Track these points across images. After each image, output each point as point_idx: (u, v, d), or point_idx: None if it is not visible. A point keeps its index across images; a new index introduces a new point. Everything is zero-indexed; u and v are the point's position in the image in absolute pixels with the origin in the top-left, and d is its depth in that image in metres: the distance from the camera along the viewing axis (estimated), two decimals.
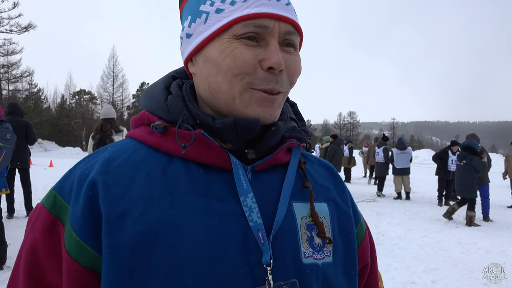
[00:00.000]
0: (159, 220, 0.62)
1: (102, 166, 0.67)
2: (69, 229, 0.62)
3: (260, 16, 0.66)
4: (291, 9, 0.70)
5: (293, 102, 0.89)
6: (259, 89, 0.67)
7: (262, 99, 0.68)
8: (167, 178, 0.67)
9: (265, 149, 0.73)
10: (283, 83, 0.69)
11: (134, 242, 0.60)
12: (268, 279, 0.64)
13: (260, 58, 0.66)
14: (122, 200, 0.63)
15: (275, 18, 0.67)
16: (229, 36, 0.66)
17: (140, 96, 0.81)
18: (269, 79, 0.67)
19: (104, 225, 0.61)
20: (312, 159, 0.88)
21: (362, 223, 0.88)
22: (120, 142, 0.75)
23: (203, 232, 0.63)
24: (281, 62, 0.66)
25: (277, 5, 0.67)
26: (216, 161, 0.69)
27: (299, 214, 0.72)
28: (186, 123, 0.69)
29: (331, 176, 0.86)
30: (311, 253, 0.70)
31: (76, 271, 0.61)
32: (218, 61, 0.67)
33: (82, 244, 0.62)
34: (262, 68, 0.66)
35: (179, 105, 0.72)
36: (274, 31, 0.67)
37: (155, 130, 0.71)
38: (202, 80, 0.71)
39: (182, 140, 0.68)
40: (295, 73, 0.72)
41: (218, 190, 0.67)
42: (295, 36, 0.70)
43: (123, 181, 0.65)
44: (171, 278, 0.60)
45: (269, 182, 0.72)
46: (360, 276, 0.85)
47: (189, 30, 0.72)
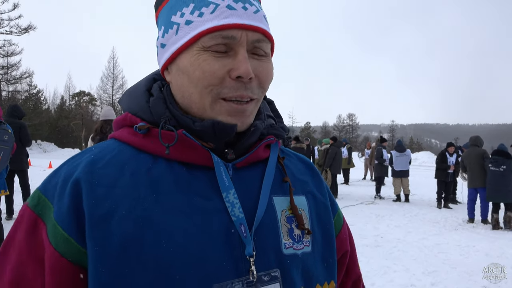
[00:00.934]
0: (144, 218, 0.64)
1: (87, 166, 0.68)
2: (55, 225, 0.64)
3: (227, 27, 0.67)
4: (259, 17, 0.71)
5: (270, 100, 0.91)
6: (228, 99, 0.69)
7: (232, 110, 0.70)
8: (151, 177, 0.69)
9: (244, 148, 0.76)
10: (253, 89, 0.71)
11: (121, 240, 0.62)
12: (251, 269, 0.67)
13: (228, 68, 0.68)
14: (106, 200, 0.65)
15: (242, 28, 0.68)
16: (198, 48, 0.68)
17: (121, 98, 0.83)
18: (237, 86, 0.69)
19: (88, 225, 0.63)
20: (290, 154, 0.92)
21: (340, 213, 0.92)
22: (104, 143, 0.76)
23: (188, 229, 0.65)
24: (248, 71, 0.67)
25: (244, 14, 0.69)
26: (199, 160, 0.71)
27: (279, 207, 0.76)
28: (168, 124, 0.71)
29: (309, 170, 0.90)
30: (291, 244, 0.74)
31: (62, 266, 0.63)
32: (189, 72, 0.69)
33: (69, 240, 0.63)
34: (230, 77, 0.68)
35: (161, 107, 0.74)
36: (242, 41, 0.68)
37: (138, 132, 0.73)
38: (177, 89, 0.74)
39: (165, 141, 0.70)
40: (266, 79, 0.73)
41: (201, 187, 0.70)
42: (265, 43, 0.72)
43: (107, 181, 0.67)
44: (159, 274, 0.62)
45: (249, 178, 0.76)
46: (341, 262, 0.90)
47: (163, 40, 0.74)
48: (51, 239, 0.64)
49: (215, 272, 0.65)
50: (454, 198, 11.64)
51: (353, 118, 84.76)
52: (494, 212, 8.14)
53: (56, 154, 33.10)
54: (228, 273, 0.66)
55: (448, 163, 10.72)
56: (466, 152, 9.37)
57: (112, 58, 53.70)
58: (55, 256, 0.63)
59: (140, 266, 0.62)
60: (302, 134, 63.52)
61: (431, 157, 35.05)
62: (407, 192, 11.67)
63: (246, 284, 0.66)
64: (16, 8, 33.12)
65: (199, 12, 0.68)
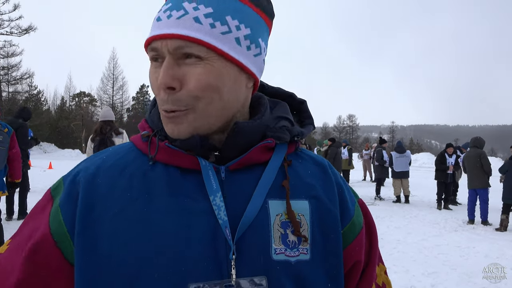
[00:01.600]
0: (133, 218, 0.68)
1: (98, 165, 0.76)
2: (57, 207, 0.72)
3: (150, 40, 0.70)
4: (184, 21, 0.67)
5: (301, 99, 0.90)
6: (163, 110, 0.72)
7: (166, 118, 0.72)
8: (148, 180, 0.73)
9: (238, 149, 0.74)
10: (181, 100, 0.68)
11: (110, 237, 0.67)
12: (232, 273, 0.67)
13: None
14: (105, 199, 0.71)
15: (161, 38, 0.68)
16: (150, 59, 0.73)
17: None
18: (164, 100, 0.69)
19: (78, 225, 0.69)
20: (305, 157, 0.86)
21: (355, 221, 0.84)
22: (120, 145, 0.83)
23: (174, 228, 0.68)
24: (162, 81, 0.67)
25: (166, 23, 0.68)
26: (189, 164, 0.74)
27: (274, 211, 0.73)
28: (159, 135, 0.76)
29: (322, 174, 0.84)
30: (283, 249, 0.71)
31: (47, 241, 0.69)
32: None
33: (62, 224, 0.70)
34: (162, 89, 0.69)
35: (155, 118, 0.79)
36: (163, 51, 0.68)
37: (142, 139, 0.79)
38: None
39: (153, 151, 0.75)
40: (196, 85, 0.68)
41: (191, 190, 0.72)
42: (192, 48, 0.67)
43: (109, 182, 0.73)
44: (139, 272, 0.65)
45: (243, 181, 0.74)
46: (352, 274, 0.84)
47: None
48: (50, 218, 0.71)
49: (194, 272, 0.66)
50: (455, 199, 11.64)
51: (353, 119, 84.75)
52: (505, 213, 8.11)
53: (56, 154, 33.10)
54: (209, 274, 0.66)
55: (447, 164, 10.72)
56: (466, 154, 9.38)
57: (113, 59, 53.70)
58: (46, 232, 0.70)
59: (122, 263, 0.66)
60: None
61: (431, 158, 35.00)
62: (407, 193, 11.66)
63: (225, 287, 0.66)
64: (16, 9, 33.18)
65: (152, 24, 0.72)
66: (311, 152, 0.90)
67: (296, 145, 0.85)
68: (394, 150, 12.09)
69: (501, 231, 8.01)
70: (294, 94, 0.91)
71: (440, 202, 10.74)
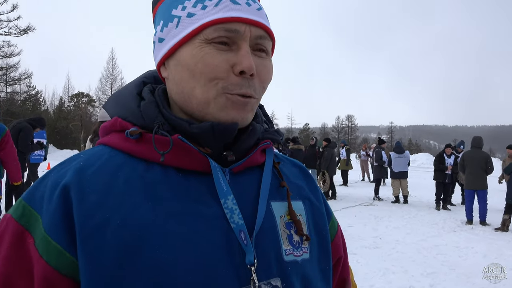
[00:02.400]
0: (141, 227, 0.61)
1: (76, 173, 0.64)
2: (46, 238, 0.60)
3: (231, 20, 0.66)
4: (262, 14, 0.71)
5: (260, 104, 0.89)
6: (233, 94, 0.67)
7: (237, 102, 0.68)
8: (146, 184, 0.65)
9: (242, 151, 0.74)
10: (255, 88, 0.70)
11: (117, 250, 0.59)
12: (253, 278, 0.64)
13: (232, 63, 0.67)
14: (99, 209, 0.61)
15: (246, 23, 0.67)
16: (201, 40, 0.67)
17: (106, 103, 0.80)
18: (241, 84, 0.67)
19: (79, 237, 0.59)
20: (284, 159, 0.90)
21: (334, 219, 0.90)
22: (92, 150, 0.72)
23: (187, 236, 0.63)
24: (252, 66, 0.66)
25: (248, 10, 0.68)
26: (195, 165, 0.69)
27: (278, 213, 0.74)
28: (162, 129, 0.69)
29: (303, 175, 0.88)
30: (291, 250, 0.72)
31: (56, 280, 0.59)
32: (190, 65, 0.67)
33: (62, 252, 0.59)
34: (234, 73, 0.67)
35: (154, 110, 0.71)
36: (245, 35, 0.67)
37: (130, 137, 0.69)
38: (174, 85, 0.71)
39: (159, 147, 0.67)
40: (267, 78, 0.72)
41: (199, 193, 0.68)
42: (266, 41, 0.71)
43: (99, 189, 0.63)
44: (158, 283, 0.59)
45: (246, 183, 0.73)
46: (334, 268, 0.88)
47: (161, 34, 0.72)
48: (42, 252, 0.59)
49: (216, 280, 0.62)
50: (449, 200, 11.65)
51: (352, 119, 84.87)
52: (508, 213, 8.11)
53: (55, 155, 33.00)
54: (229, 282, 0.63)
55: (446, 164, 10.75)
56: (468, 154, 9.28)
57: (111, 60, 53.57)
58: (48, 270, 0.59)
59: (137, 277, 0.59)
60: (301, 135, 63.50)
61: (429, 158, 35.08)
62: (405, 194, 11.68)
63: None
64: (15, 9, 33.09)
65: (202, 5, 0.67)
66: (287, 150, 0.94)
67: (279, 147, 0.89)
68: (393, 150, 12.13)
69: (502, 230, 8.02)
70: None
71: (438, 203, 10.77)
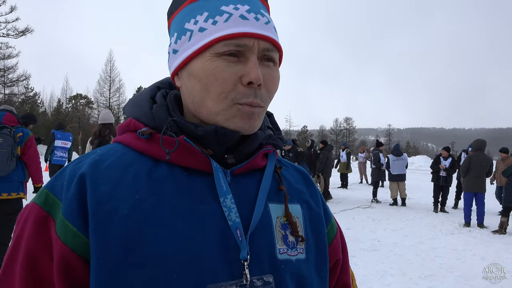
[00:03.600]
0: (144, 220, 0.67)
1: (91, 165, 0.71)
2: (64, 221, 0.66)
3: (240, 35, 0.70)
4: (270, 27, 0.75)
5: (270, 112, 0.95)
6: (242, 103, 0.72)
7: (246, 112, 0.72)
8: (153, 180, 0.71)
9: (244, 155, 0.78)
10: (262, 97, 0.74)
11: (122, 237, 0.65)
12: (245, 273, 0.69)
13: (240, 74, 0.71)
14: (110, 199, 0.67)
15: (255, 37, 0.71)
16: (211, 54, 0.71)
17: (125, 105, 0.86)
18: (249, 93, 0.72)
19: (91, 222, 0.65)
20: (287, 164, 0.95)
21: (333, 223, 0.94)
22: (108, 146, 0.79)
23: (186, 231, 0.68)
24: (259, 77, 0.70)
25: (256, 24, 0.72)
26: (198, 165, 0.74)
27: (275, 214, 0.78)
28: (170, 130, 0.74)
29: (304, 180, 0.93)
30: (285, 249, 0.76)
31: (72, 260, 0.65)
32: (201, 78, 0.72)
33: (78, 234, 0.65)
34: (242, 84, 0.71)
35: (164, 113, 0.77)
36: (253, 48, 0.72)
37: (142, 136, 0.75)
38: (187, 94, 0.77)
39: (166, 146, 0.73)
40: (273, 87, 0.77)
41: (200, 192, 0.72)
42: (274, 52, 0.75)
43: (111, 181, 0.69)
44: (157, 272, 0.64)
45: (246, 184, 0.78)
46: (332, 271, 0.91)
47: (175, 46, 0.77)
48: (60, 234, 0.65)
49: (210, 273, 0.67)
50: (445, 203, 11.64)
51: (350, 122, 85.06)
52: (505, 215, 8.13)
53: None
54: (223, 275, 0.68)
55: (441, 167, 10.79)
56: (473, 157, 9.20)
57: (109, 61, 53.60)
58: (65, 250, 0.65)
59: (139, 265, 0.64)
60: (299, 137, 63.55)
61: (427, 161, 35.16)
62: (403, 196, 11.70)
63: (239, 287, 0.68)
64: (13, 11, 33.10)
65: (213, 20, 0.71)
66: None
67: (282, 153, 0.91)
68: (391, 153, 12.13)
69: (500, 233, 8.04)
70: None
71: (436, 205, 10.78)
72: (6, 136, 4.68)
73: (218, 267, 0.68)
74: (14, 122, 4.91)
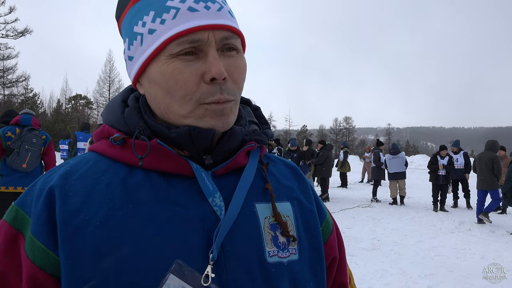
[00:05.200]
0: (120, 228, 0.63)
1: (61, 177, 0.68)
2: (32, 238, 0.63)
3: (191, 31, 0.65)
4: (224, 13, 0.69)
5: (256, 106, 0.90)
6: (209, 103, 0.67)
7: (214, 110, 0.68)
8: (128, 188, 0.67)
9: (224, 154, 0.74)
10: (229, 91, 0.69)
11: (94, 251, 0.61)
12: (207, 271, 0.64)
13: (201, 72, 0.66)
14: (80, 211, 0.63)
15: (208, 29, 0.66)
16: (166, 56, 0.66)
17: (103, 111, 0.83)
18: (214, 90, 0.67)
19: (60, 237, 0.62)
20: (276, 160, 0.90)
21: (328, 220, 0.89)
22: (81, 156, 0.75)
23: (166, 239, 0.64)
24: (221, 72, 0.66)
25: (208, 14, 0.67)
26: (176, 168, 0.70)
27: (262, 214, 0.74)
28: (142, 134, 0.70)
29: (295, 176, 0.88)
30: (275, 251, 0.72)
31: (41, 279, 0.62)
32: (161, 83, 0.68)
33: (47, 251, 0.62)
34: (205, 82, 0.67)
35: (135, 117, 0.72)
36: (209, 41, 0.66)
37: (114, 143, 0.72)
38: (152, 100, 0.72)
39: (139, 152, 0.69)
40: (240, 77, 0.71)
41: (179, 196, 0.68)
42: (234, 40, 0.70)
43: (82, 192, 0.66)
44: (132, 283, 0.61)
45: (229, 185, 0.73)
46: (329, 270, 0.86)
47: (129, 52, 0.72)
48: (28, 253, 0.62)
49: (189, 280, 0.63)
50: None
51: (350, 121, 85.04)
52: None
53: None
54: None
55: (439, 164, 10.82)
56: (479, 155, 9.50)
57: (109, 62, 53.51)
58: (34, 269, 0.61)
59: (115, 277, 0.60)
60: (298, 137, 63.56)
61: (427, 160, 34.96)
62: (403, 194, 11.69)
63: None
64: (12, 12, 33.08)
65: (161, 19, 0.66)
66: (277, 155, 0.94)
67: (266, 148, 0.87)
68: (388, 152, 12.18)
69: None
70: (250, 100, 0.92)
71: (436, 204, 10.79)
72: (38, 137, 5.37)
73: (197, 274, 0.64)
74: (39, 125, 5.57)
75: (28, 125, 5.37)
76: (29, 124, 5.38)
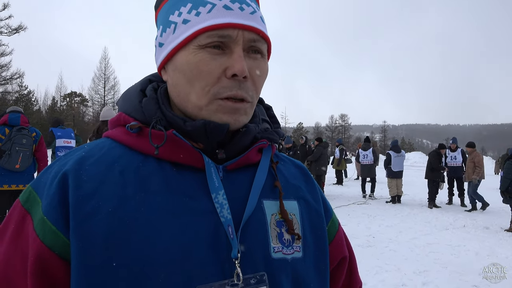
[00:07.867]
0: (130, 217, 0.64)
1: (76, 162, 0.69)
2: (43, 219, 0.64)
3: (223, 26, 0.68)
4: (256, 17, 0.72)
5: (268, 105, 0.92)
6: (224, 98, 0.70)
7: (228, 108, 0.70)
8: (141, 176, 0.69)
9: (236, 149, 0.75)
10: (247, 90, 0.71)
11: (106, 237, 0.62)
12: (237, 272, 0.66)
13: (224, 67, 0.69)
14: (93, 197, 0.65)
15: (239, 28, 0.69)
16: (195, 46, 0.69)
17: (118, 99, 0.84)
18: (232, 85, 0.69)
19: (72, 222, 0.63)
20: (285, 159, 0.92)
21: (334, 220, 0.91)
22: (96, 141, 0.76)
23: (175, 229, 0.65)
24: (243, 69, 0.68)
25: (241, 14, 0.70)
26: (189, 160, 0.71)
27: (269, 211, 0.75)
28: (159, 124, 0.72)
29: (303, 176, 0.90)
30: (280, 248, 0.73)
31: (49, 259, 0.62)
32: (185, 71, 0.70)
33: (57, 233, 0.63)
34: (226, 77, 0.69)
35: (153, 107, 0.74)
36: (237, 40, 0.69)
37: (130, 131, 0.73)
38: (173, 88, 0.75)
39: (155, 141, 0.71)
40: (260, 79, 0.74)
41: (190, 188, 0.70)
42: (261, 44, 0.73)
43: (95, 178, 0.67)
44: (143, 272, 0.62)
45: (240, 180, 0.75)
46: (339, 270, 0.88)
47: (161, 39, 0.75)
48: (39, 233, 0.63)
49: (200, 273, 0.64)
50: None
51: (345, 118, 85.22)
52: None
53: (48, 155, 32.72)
54: (214, 275, 0.65)
55: (442, 164, 10.90)
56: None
57: (104, 59, 53.24)
58: (42, 248, 0.62)
59: (124, 265, 0.61)
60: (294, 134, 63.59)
61: (422, 157, 35.33)
62: (400, 193, 11.72)
63: (231, 286, 0.66)
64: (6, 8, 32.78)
65: (196, 12, 0.70)
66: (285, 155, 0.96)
67: (277, 147, 0.88)
68: (391, 149, 12.13)
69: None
70: (263, 99, 0.93)
71: (431, 201, 10.84)
72: (28, 137, 5.34)
73: (208, 267, 0.65)
74: (27, 123, 5.53)
75: (16, 125, 5.32)
76: (18, 123, 5.33)
